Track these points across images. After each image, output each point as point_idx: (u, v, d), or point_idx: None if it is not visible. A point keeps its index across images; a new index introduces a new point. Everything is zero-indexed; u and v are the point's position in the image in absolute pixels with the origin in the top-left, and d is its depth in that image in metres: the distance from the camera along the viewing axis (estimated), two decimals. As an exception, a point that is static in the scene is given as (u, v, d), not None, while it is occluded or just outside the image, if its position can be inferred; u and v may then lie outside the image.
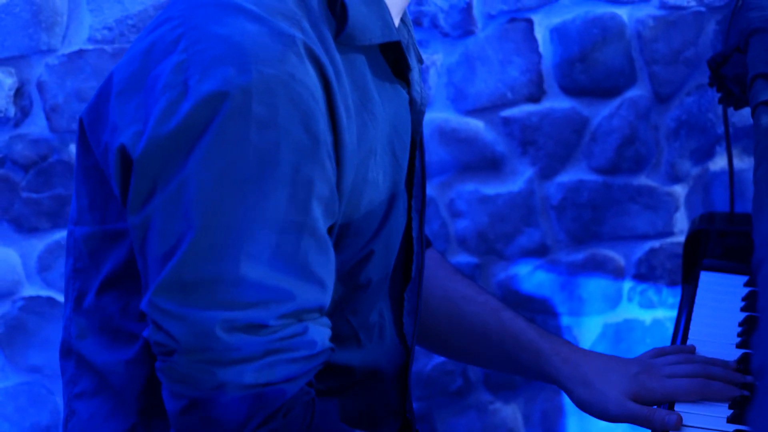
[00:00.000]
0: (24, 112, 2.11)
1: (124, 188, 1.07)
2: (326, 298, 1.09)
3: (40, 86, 2.09)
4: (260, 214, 1.02)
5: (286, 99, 1.01)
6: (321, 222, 1.07)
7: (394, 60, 1.20)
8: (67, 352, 1.23)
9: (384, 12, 1.16)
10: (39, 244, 2.18)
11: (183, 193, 1.02)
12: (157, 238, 1.04)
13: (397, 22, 1.21)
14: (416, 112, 1.26)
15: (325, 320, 1.11)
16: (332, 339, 1.14)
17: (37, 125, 2.11)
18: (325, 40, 1.09)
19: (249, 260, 1.02)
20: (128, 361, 1.16)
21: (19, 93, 2.10)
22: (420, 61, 1.32)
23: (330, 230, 1.11)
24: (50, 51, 2.07)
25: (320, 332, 1.09)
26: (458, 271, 1.58)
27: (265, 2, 1.05)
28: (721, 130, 2.23)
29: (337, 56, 1.10)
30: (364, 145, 1.14)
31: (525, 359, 1.48)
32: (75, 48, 2.07)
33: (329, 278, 1.09)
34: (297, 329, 1.06)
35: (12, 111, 2.10)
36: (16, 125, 2.11)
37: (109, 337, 1.17)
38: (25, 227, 2.17)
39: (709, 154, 2.26)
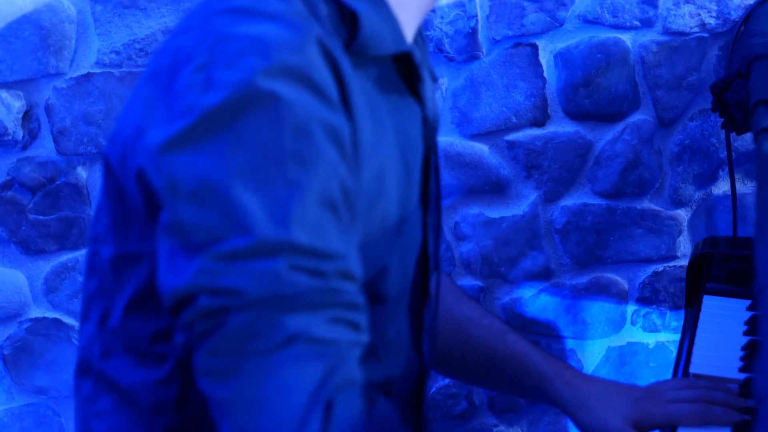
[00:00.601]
0: (32, 135, 2.12)
1: (149, 191, 1.06)
2: (360, 273, 1.07)
3: (48, 109, 2.10)
4: (303, 187, 1.01)
5: (308, 84, 1.02)
6: (342, 205, 1.05)
7: (406, 73, 1.21)
8: (85, 370, 1.22)
9: (394, 23, 1.17)
10: (46, 266, 2.19)
11: (224, 178, 1.00)
12: (199, 226, 1.01)
13: (410, 38, 1.21)
14: (429, 128, 1.27)
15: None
16: None
17: (44, 148, 2.12)
18: (336, 48, 1.09)
19: (300, 229, 1.00)
20: (157, 381, 1.14)
21: (27, 116, 2.11)
22: (434, 80, 1.33)
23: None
24: (58, 74, 2.08)
25: (364, 300, 1.07)
26: (464, 293, 1.59)
27: (279, 7, 1.06)
28: (723, 154, 2.23)
29: (348, 64, 1.11)
30: (379, 152, 1.14)
31: (528, 382, 1.49)
32: (83, 71, 2.08)
33: (357, 256, 1.07)
34: (349, 286, 1.04)
35: (20, 134, 2.11)
36: (24, 148, 2.12)
37: (136, 357, 1.16)
38: (32, 249, 2.18)
39: (712, 179, 2.27)
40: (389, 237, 1.19)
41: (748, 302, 1.72)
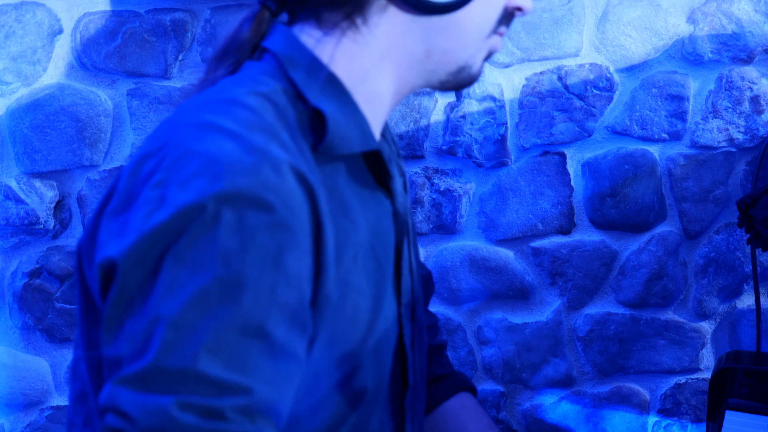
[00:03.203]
0: (63, 225, 2.14)
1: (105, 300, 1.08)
2: (281, 407, 1.08)
3: (80, 200, 2.12)
4: (223, 314, 1.02)
5: (255, 206, 1.03)
6: (282, 329, 1.06)
7: (375, 169, 1.23)
8: None
9: (362, 123, 1.19)
10: (69, 355, 2.20)
11: (153, 295, 1.03)
12: (129, 338, 1.04)
13: (377, 135, 1.24)
14: (400, 222, 1.28)
15: None
16: None
17: (74, 237, 2.14)
18: (303, 151, 1.11)
19: (208, 356, 1.02)
20: None
21: (59, 206, 2.13)
22: (402, 174, 1.34)
23: (312, 339, 1.11)
24: (92, 166, 2.11)
25: None
26: (492, 425, 1.55)
27: (242, 118, 1.08)
28: (749, 268, 2.24)
29: (315, 167, 1.12)
30: (346, 251, 1.15)
31: None
32: (116, 164, 2.11)
33: (285, 386, 1.08)
34: (251, 429, 1.04)
35: (51, 223, 2.13)
36: (55, 237, 2.14)
37: None
38: (57, 337, 2.19)
39: (737, 292, 2.27)
40: (362, 329, 1.19)
41: (770, 419, 1.71)
